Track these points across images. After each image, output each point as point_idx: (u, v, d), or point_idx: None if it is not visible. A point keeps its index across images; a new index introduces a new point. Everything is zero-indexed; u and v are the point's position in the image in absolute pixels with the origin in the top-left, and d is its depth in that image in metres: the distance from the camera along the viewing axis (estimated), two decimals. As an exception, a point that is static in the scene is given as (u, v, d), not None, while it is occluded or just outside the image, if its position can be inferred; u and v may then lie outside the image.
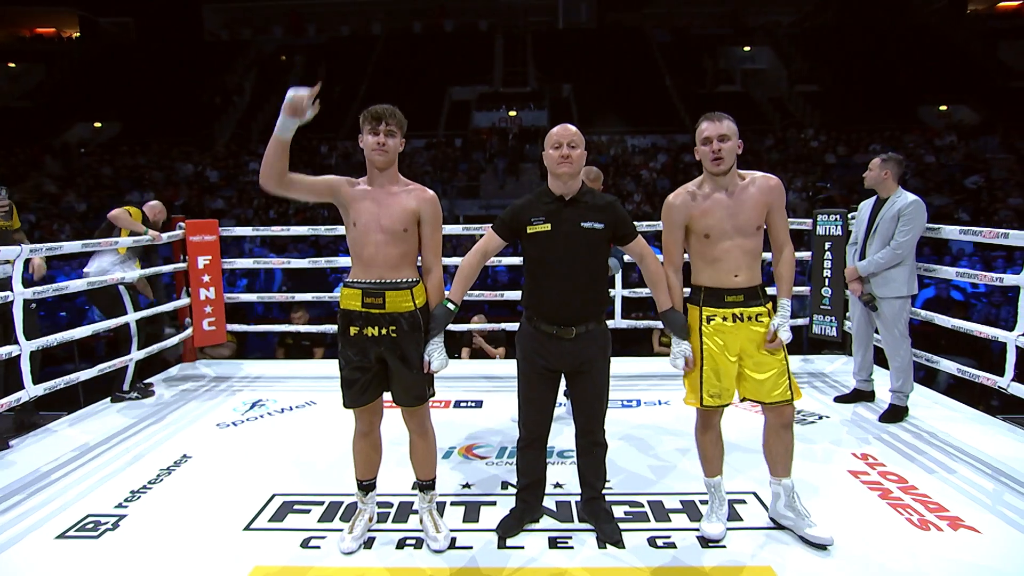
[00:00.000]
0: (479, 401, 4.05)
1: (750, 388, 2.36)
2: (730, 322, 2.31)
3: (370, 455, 2.44)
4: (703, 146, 2.28)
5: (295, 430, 3.61)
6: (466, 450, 3.26)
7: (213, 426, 3.69)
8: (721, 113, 2.28)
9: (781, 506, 2.44)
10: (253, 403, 4.08)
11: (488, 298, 4.92)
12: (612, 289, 4.67)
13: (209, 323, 4.80)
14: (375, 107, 2.22)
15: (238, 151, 19.09)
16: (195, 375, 4.71)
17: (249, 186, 16.85)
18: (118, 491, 2.85)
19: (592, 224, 2.25)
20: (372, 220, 2.23)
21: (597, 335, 2.33)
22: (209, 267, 4.77)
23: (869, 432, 3.42)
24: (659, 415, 3.77)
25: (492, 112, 22.04)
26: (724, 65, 24.34)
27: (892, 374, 3.58)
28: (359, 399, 2.32)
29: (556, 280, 2.25)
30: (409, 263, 2.30)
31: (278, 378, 4.64)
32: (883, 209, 3.56)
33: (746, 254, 2.29)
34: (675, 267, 2.39)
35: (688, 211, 2.31)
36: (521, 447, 2.45)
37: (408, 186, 2.31)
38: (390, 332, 2.25)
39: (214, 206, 15.52)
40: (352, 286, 2.27)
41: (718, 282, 2.31)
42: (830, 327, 4.59)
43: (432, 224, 2.30)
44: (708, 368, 2.33)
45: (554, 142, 2.24)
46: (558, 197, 2.27)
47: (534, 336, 2.33)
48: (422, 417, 2.40)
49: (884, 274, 3.53)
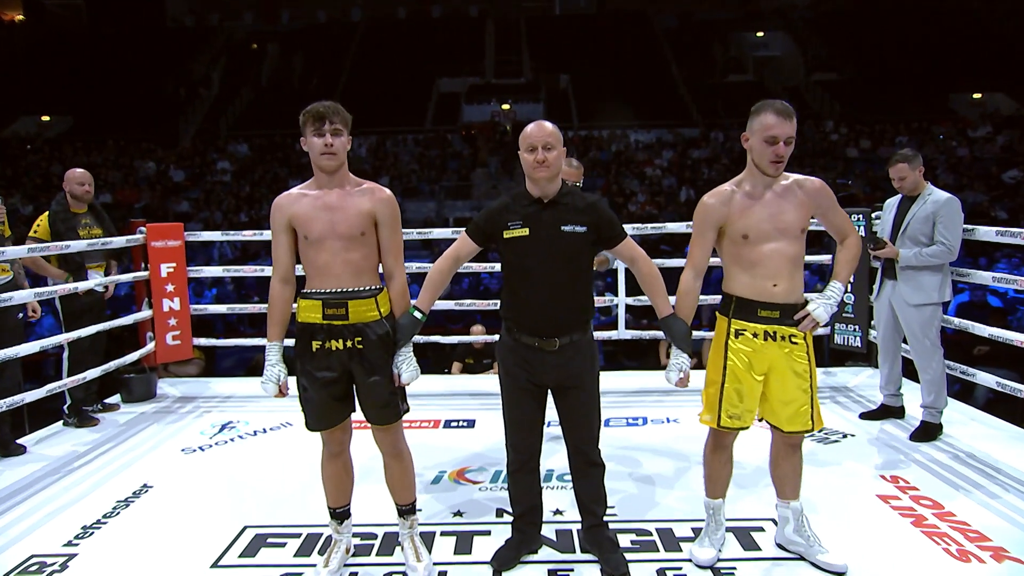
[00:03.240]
0: (471, 420, 4.04)
1: (768, 410, 2.37)
2: (760, 339, 2.30)
3: (342, 479, 2.43)
4: (765, 144, 2.21)
5: (269, 454, 3.59)
6: (457, 474, 3.25)
7: (177, 452, 3.66)
8: (789, 106, 2.23)
9: (790, 531, 2.44)
10: (222, 425, 4.06)
11: (480, 307, 4.91)
12: (615, 297, 4.67)
13: (173, 337, 4.77)
14: (315, 105, 2.21)
15: (205, 148, 19.10)
16: (158, 395, 4.69)
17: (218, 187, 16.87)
18: (68, 527, 2.81)
19: (573, 227, 2.24)
20: (326, 228, 2.23)
21: (583, 346, 2.32)
22: (173, 276, 4.75)
23: (899, 452, 3.42)
24: (667, 434, 3.76)
25: (483, 105, 22.16)
26: (735, 52, 24.55)
27: (923, 388, 3.58)
28: (328, 420, 2.32)
29: (536, 288, 2.25)
30: (370, 269, 2.31)
31: (250, 397, 4.62)
32: (913, 208, 3.57)
33: (787, 260, 2.27)
34: (696, 271, 2.37)
35: (725, 211, 2.29)
36: (511, 471, 2.44)
37: (361, 186, 2.31)
38: (356, 344, 2.25)
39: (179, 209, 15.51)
40: (310, 296, 2.26)
41: (754, 291, 2.29)
42: (853, 336, 4.61)
43: (390, 226, 2.30)
44: (730, 387, 2.33)
45: (528, 145, 2.23)
46: (536, 199, 2.27)
47: (515, 349, 2.33)
48: (395, 436, 2.39)
49: (914, 278, 3.54)
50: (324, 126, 2.20)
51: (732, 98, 21.04)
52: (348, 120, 2.25)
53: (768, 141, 2.20)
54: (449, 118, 21.40)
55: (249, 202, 15.96)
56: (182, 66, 23.36)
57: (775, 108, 2.20)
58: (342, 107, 2.24)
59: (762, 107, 2.22)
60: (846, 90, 20.63)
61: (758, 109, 2.23)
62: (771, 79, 22.49)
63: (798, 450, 2.41)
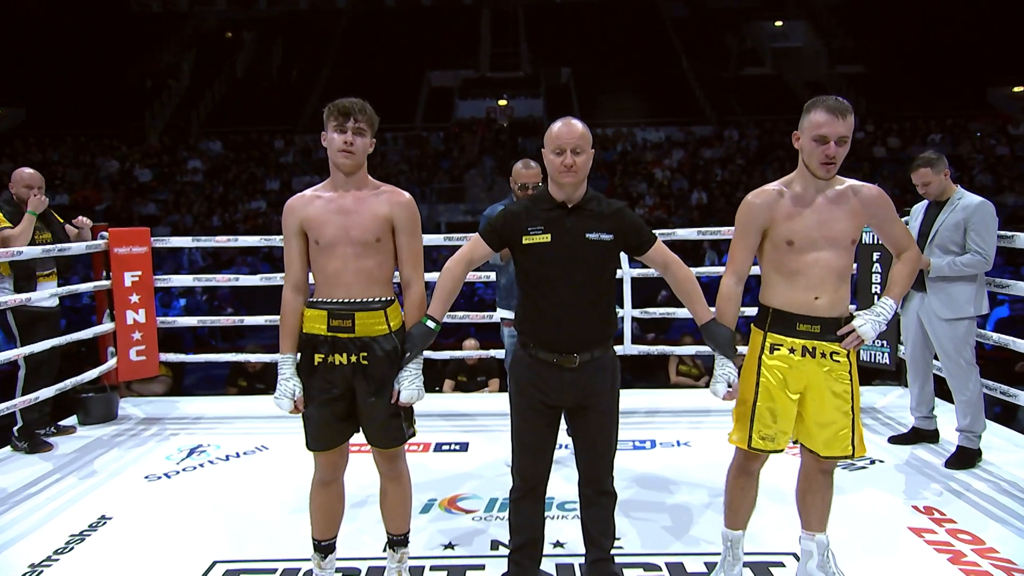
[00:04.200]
0: (464, 443, 4.04)
1: (803, 432, 2.37)
2: (798, 355, 2.30)
3: (333, 508, 2.43)
4: (815, 143, 2.21)
5: (243, 482, 3.58)
6: (449, 503, 3.25)
7: (140, 479, 3.64)
8: (844, 103, 2.21)
9: (813, 567, 2.44)
10: (191, 450, 4.05)
11: (474, 320, 4.92)
12: (620, 309, 4.68)
13: (138, 353, 4.76)
14: (342, 100, 2.25)
15: (174, 145, 19.12)
16: (120, 416, 4.66)
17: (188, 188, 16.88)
18: (13, 566, 2.78)
19: (599, 235, 2.26)
20: (339, 233, 2.26)
21: (605, 363, 2.34)
22: (138, 285, 4.75)
23: (933, 480, 3.42)
24: (678, 459, 3.75)
25: (478, 101, 22.27)
26: (751, 43, 24.70)
27: (958, 410, 3.59)
28: (327, 440, 2.32)
29: (557, 300, 2.26)
30: (383, 279, 2.33)
31: (222, 418, 4.61)
32: (942, 214, 3.58)
33: (832, 272, 2.27)
34: (738, 277, 2.37)
35: (771, 213, 2.30)
36: (515, 498, 2.44)
37: (379, 188, 2.34)
38: (361, 360, 2.26)
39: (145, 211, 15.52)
40: (316, 306, 2.29)
41: (793, 303, 2.29)
42: (881, 353, 4.62)
43: (409, 232, 2.33)
44: (763, 405, 2.33)
45: (555, 146, 2.24)
46: (559, 203, 2.29)
47: (530, 366, 2.33)
48: (398, 460, 2.41)
49: (945, 290, 3.56)
50: (348, 122, 2.22)
51: (748, 93, 21.22)
52: (374, 121, 2.28)
53: (817, 140, 2.20)
54: (441, 114, 21.51)
55: (223, 204, 15.98)
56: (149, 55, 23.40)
57: (827, 105, 2.19)
58: (370, 107, 2.27)
59: (813, 103, 2.23)
60: (873, 84, 20.79)
61: (809, 106, 2.24)
62: (791, 72, 22.66)
63: (830, 478, 2.40)
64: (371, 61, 22.77)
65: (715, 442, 3.62)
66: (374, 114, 2.28)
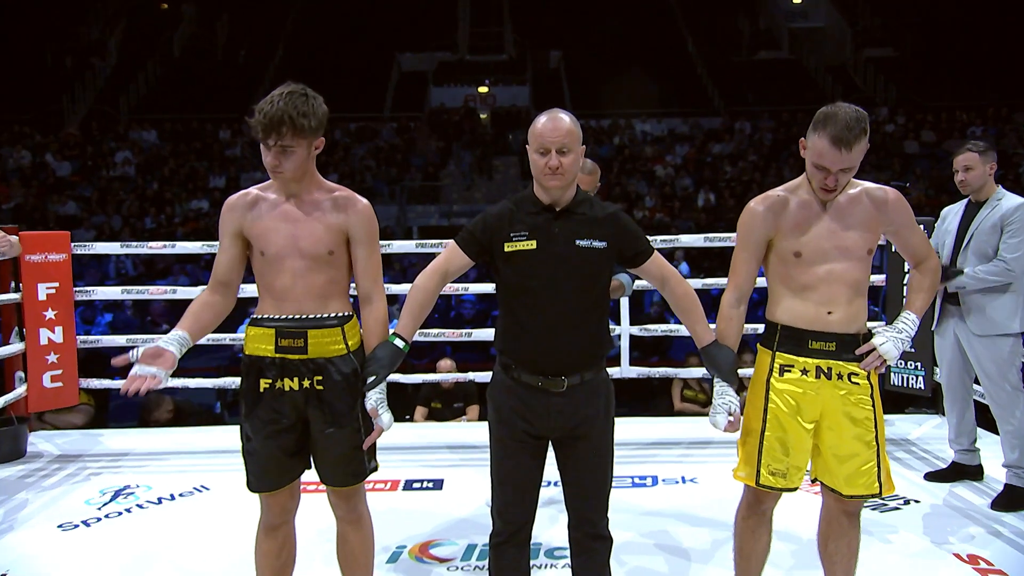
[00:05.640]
0: (438, 480, 4.03)
1: (822, 467, 2.38)
2: (811, 377, 2.31)
3: (282, 558, 2.41)
4: (815, 168, 2.24)
5: (178, 529, 3.53)
6: (420, 550, 3.24)
7: (53, 529, 3.57)
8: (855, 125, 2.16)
9: (838, 626, 2.44)
10: (116, 492, 3.99)
11: (451, 338, 4.91)
12: (617, 326, 4.70)
13: (53, 378, 4.68)
14: (265, 108, 2.15)
15: (100, 134, 18.95)
16: (29, 453, 4.58)
17: (116, 183, 16.74)
18: None
19: (591, 242, 2.28)
20: (287, 243, 2.26)
21: (596, 387, 2.34)
22: (55, 298, 4.68)
23: (977, 524, 3.42)
24: (683, 498, 3.76)
25: (456, 88, 22.36)
26: (766, 24, 25.00)
27: (1004, 442, 3.62)
28: (274, 479, 2.31)
29: (542, 315, 2.27)
30: (338, 292, 2.33)
31: (154, 454, 4.55)
32: (979, 216, 3.63)
33: (847, 286, 2.30)
34: (740, 293, 2.41)
35: (776, 222, 2.33)
36: (495, 543, 2.43)
37: (333, 192, 2.34)
38: (315, 385, 2.26)
39: (64, 211, 15.33)
40: (261, 324, 2.28)
41: (803, 318, 2.31)
42: (915, 377, 4.65)
43: (367, 243, 2.34)
44: (772, 435, 2.34)
45: (539, 145, 2.26)
46: (546, 206, 2.31)
47: (512, 390, 2.34)
48: (356, 500, 2.39)
49: (981, 304, 3.59)
50: (270, 140, 2.16)
51: (762, 80, 21.44)
52: (308, 129, 2.17)
53: (817, 167, 2.24)
54: (413, 103, 21.55)
55: (157, 204, 15.85)
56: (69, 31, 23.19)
57: (832, 134, 2.16)
58: (307, 105, 2.17)
59: (822, 121, 2.20)
60: (904, 69, 21.00)
61: (817, 122, 2.22)
62: (811, 56, 22.89)
63: (856, 521, 2.40)
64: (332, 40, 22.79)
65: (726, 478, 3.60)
66: (314, 117, 2.18)
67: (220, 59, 23.42)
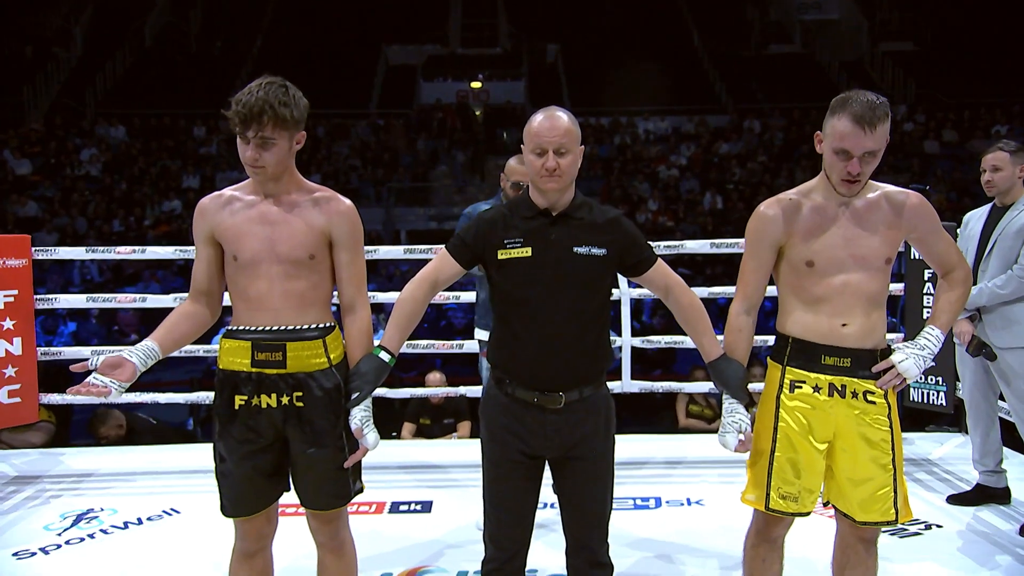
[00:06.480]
0: (427, 503, 4.03)
1: (835, 491, 2.38)
2: (824, 394, 2.31)
3: None
4: (836, 156, 2.22)
5: (145, 556, 3.51)
6: (407, 579, 3.23)
7: (7, 557, 3.54)
8: (878, 106, 2.16)
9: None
10: (78, 516, 3.97)
11: (440, 350, 4.91)
12: (618, 337, 4.70)
13: (10, 393, 4.65)
14: (244, 98, 2.16)
15: (64, 130, 18.91)
16: (-13, 473, 4.56)
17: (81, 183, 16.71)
18: None
19: (590, 249, 2.28)
20: (263, 248, 2.25)
21: (596, 404, 2.35)
22: (13, 307, 4.66)
23: (1004, 551, 3.42)
24: (689, 521, 3.76)
25: (447, 83, 22.36)
26: (776, 16, 25.11)
27: (1031, 462, 3.63)
28: (250, 503, 2.30)
29: (538, 326, 2.28)
30: (319, 302, 2.33)
31: (120, 475, 4.53)
32: (1004, 220, 3.65)
33: (864, 298, 2.29)
34: (749, 304, 2.41)
35: (787, 227, 2.33)
36: (488, 571, 2.44)
37: (314, 193, 2.34)
38: (294, 401, 2.25)
39: (23, 212, 15.29)
40: (236, 336, 2.27)
41: (816, 331, 2.31)
42: (936, 392, 4.67)
43: (350, 247, 2.34)
44: (782, 456, 2.33)
45: (535, 145, 2.26)
46: (542, 211, 2.31)
47: (506, 407, 2.34)
48: (338, 524, 2.39)
49: (1004, 314, 3.60)
50: (249, 131, 2.16)
51: (772, 76, 21.51)
52: (291, 120, 2.18)
53: (839, 153, 2.21)
54: (401, 99, 21.57)
55: (126, 205, 15.84)
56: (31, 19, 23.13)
57: (853, 112, 2.16)
58: (288, 96, 2.18)
59: (841, 104, 2.21)
60: (924, 64, 21.07)
61: (835, 106, 2.23)
62: (824, 51, 23.00)
63: (873, 548, 2.40)
64: (315, 31, 22.83)
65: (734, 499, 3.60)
66: (292, 109, 2.18)
67: (194, 50, 23.40)
